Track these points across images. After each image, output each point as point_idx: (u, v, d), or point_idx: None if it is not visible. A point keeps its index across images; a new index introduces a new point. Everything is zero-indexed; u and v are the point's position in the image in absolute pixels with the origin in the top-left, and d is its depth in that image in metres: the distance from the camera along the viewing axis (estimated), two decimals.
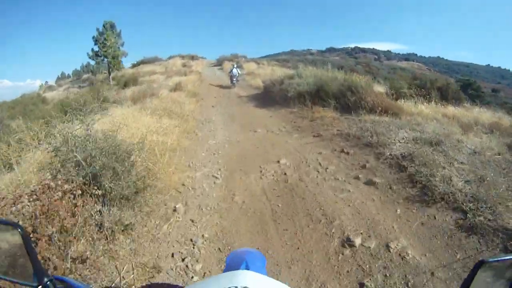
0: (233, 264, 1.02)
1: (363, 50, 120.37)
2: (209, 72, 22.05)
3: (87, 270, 2.05)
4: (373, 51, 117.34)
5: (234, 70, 14.09)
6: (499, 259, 0.65)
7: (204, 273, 2.52)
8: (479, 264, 0.62)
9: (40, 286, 0.67)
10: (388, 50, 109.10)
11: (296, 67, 13.16)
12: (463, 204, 2.99)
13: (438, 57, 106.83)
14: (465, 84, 18.24)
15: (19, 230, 0.65)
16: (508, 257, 0.65)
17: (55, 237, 1.97)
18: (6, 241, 0.68)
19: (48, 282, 0.67)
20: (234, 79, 13.82)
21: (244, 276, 0.73)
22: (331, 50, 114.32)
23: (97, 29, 19.93)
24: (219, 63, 27.07)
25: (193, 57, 31.84)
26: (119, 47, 20.68)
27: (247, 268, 0.93)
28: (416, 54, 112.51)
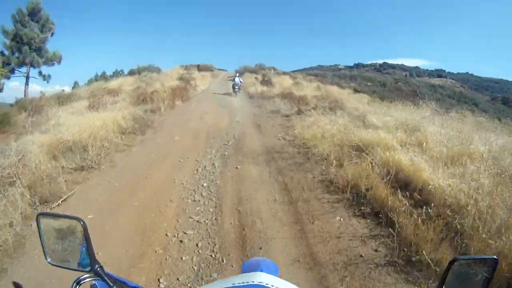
0: (248, 269, 1.06)
1: (392, 66, 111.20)
2: (217, 91, 16.94)
3: None
4: (402, 67, 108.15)
5: (237, 79, 14.59)
6: (469, 257, 0.79)
7: None
8: (452, 262, 0.70)
9: (92, 272, 0.76)
10: (416, 66, 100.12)
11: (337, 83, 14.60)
12: None
13: (467, 73, 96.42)
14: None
15: (81, 222, 0.77)
16: (477, 257, 0.81)
17: None
18: (66, 233, 0.80)
19: (98, 268, 0.76)
20: (236, 88, 14.32)
21: (260, 276, 0.77)
22: (359, 65, 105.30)
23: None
24: (239, 75, 20.56)
25: (203, 68, 29.05)
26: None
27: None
28: (445, 70, 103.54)
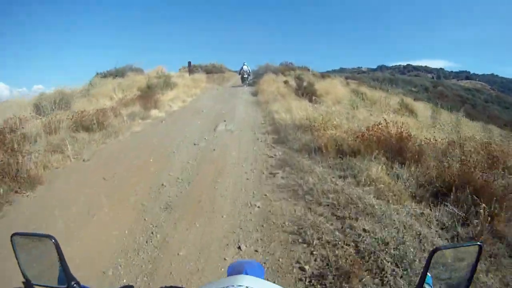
0: (233, 272, 1.04)
1: (416, 68, 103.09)
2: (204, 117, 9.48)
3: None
4: (426, 69, 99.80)
5: (245, 67, 14.14)
6: (451, 245, 0.87)
7: None
8: (433, 252, 0.68)
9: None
10: (441, 68, 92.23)
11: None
12: None
13: (492, 74, 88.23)
14: None
15: (53, 240, 0.74)
16: (459, 244, 0.86)
17: None
18: (41, 251, 0.79)
19: (75, 285, 0.75)
20: (245, 75, 14.20)
21: (243, 278, 0.75)
22: (382, 67, 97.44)
23: None
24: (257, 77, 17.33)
25: (211, 69, 22.14)
26: None
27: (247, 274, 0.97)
28: (469, 72, 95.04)
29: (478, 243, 0.72)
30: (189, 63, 18.17)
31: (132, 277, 2.51)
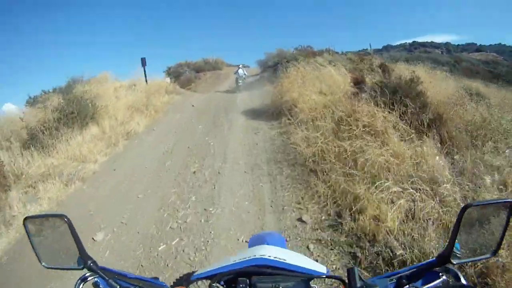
0: (254, 243, 1.03)
1: (423, 45, 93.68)
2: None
3: None
4: (433, 45, 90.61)
5: (240, 71, 12.67)
6: (482, 202, 0.71)
7: None
8: (465, 208, 0.65)
9: (85, 269, 0.72)
10: (447, 42, 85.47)
11: None
12: None
13: (500, 44, 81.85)
14: None
15: (65, 219, 0.72)
16: (491, 201, 0.76)
17: None
18: (52, 232, 0.76)
19: (92, 264, 0.71)
20: (240, 81, 12.56)
21: (263, 248, 0.77)
22: (388, 47, 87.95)
23: None
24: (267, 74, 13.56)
25: (205, 67, 18.42)
26: None
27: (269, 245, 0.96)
28: (476, 44, 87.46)
29: (510, 200, 0.68)
30: (143, 61, 11.61)
31: None
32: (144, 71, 11.54)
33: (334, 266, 2.49)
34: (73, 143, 5.76)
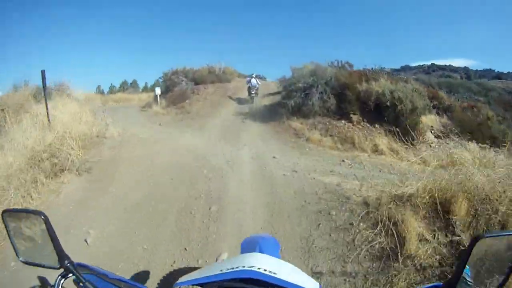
0: (247, 248, 1.01)
1: (441, 68, 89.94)
2: None
3: None
4: (451, 68, 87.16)
5: (253, 81, 11.65)
6: (493, 235, 0.69)
7: None
8: (475, 240, 0.64)
9: (62, 269, 0.71)
10: (465, 67, 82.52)
11: None
12: None
13: None
14: None
15: (42, 217, 0.71)
16: (502, 233, 0.71)
17: None
18: (31, 229, 0.74)
19: (68, 264, 0.71)
20: (253, 92, 11.54)
21: (254, 257, 0.74)
22: (405, 68, 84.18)
23: None
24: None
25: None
26: None
27: (261, 252, 0.92)
28: (494, 70, 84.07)
29: None
30: (43, 75, 5.85)
31: None
32: (44, 93, 5.88)
33: None
34: None
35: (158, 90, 13.06)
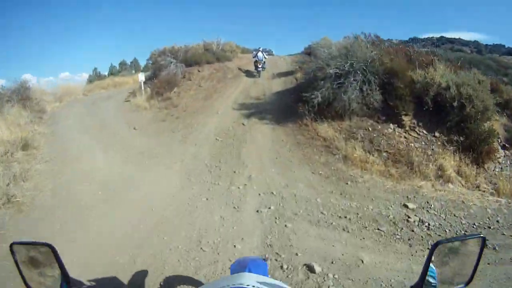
0: (236, 269, 1.05)
1: (450, 41, 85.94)
2: None
3: None
4: (461, 42, 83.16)
5: (260, 54, 11.00)
6: (453, 239, 0.79)
7: None
8: (435, 245, 0.70)
9: None
10: (475, 41, 79.27)
11: None
12: None
13: None
14: None
15: (51, 248, 0.76)
16: (462, 238, 0.81)
17: None
18: (41, 258, 0.80)
19: None
20: (260, 66, 10.89)
21: (244, 277, 0.76)
22: (414, 40, 79.16)
23: None
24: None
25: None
26: None
27: (249, 272, 0.95)
28: (504, 46, 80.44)
29: (481, 235, 0.73)
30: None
31: None
32: None
33: None
34: None
35: (141, 76, 10.42)
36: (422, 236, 3.17)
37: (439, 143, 5.36)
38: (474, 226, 3.43)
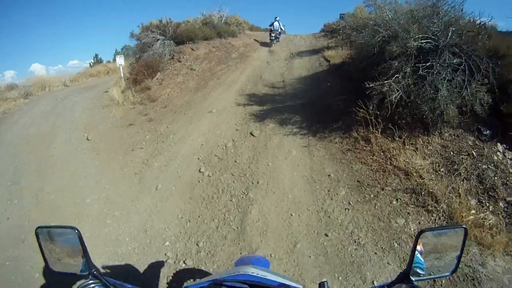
0: (240, 265, 1.11)
1: None
2: None
3: None
4: None
5: (276, 24, 10.22)
6: (437, 229, 0.79)
7: None
8: (420, 233, 0.72)
9: (90, 275, 0.76)
10: None
11: None
12: None
13: None
14: None
15: (76, 231, 0.76)
16: (445, 228, 0.84)
17: None
18: (65, 241, 0.81)
19: (95, 272, 0.76)
20: (273, 35, 9.96)
21: (249, 267, 0.82)
22: None
23: None
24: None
25: None
26: None
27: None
28: None
29: (463, 226, 0.75)
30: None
31: None
32: None
33: None
34: None
35: (120, 60, 7.78)
36: None
37: None
38: None
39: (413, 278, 0.71)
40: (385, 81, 3.17)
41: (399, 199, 2.65)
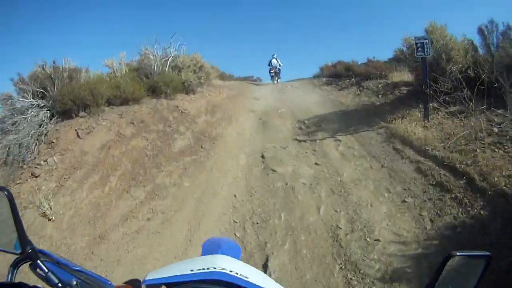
0: (209, 250, 0.95)
1: None
2: None
3: None
4: None
5: (274, 61, 10.40)
6: (465, 253, 0.67)
7: None
8: (448, 258, 0.62)
9: (23, 254, 0.60)
10: None
11: None
12: None
13: None
14: None
15: (6, 193, 0.59)
16: (474, 253, 0.69)
17: None
18: None
19: (30, 251, 0.59)
20: (273, 72, 10.25)
21: (222, 259, 0.68)
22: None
23: None
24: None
25: None
26: None
27: (223, 254, 0.83)
28: None
29: (488, 253, 0.66)
30: None
31: None
32: None
33: None
34: None
35: None
36: None
37: None
38: None
39: None
40: None
41: None
